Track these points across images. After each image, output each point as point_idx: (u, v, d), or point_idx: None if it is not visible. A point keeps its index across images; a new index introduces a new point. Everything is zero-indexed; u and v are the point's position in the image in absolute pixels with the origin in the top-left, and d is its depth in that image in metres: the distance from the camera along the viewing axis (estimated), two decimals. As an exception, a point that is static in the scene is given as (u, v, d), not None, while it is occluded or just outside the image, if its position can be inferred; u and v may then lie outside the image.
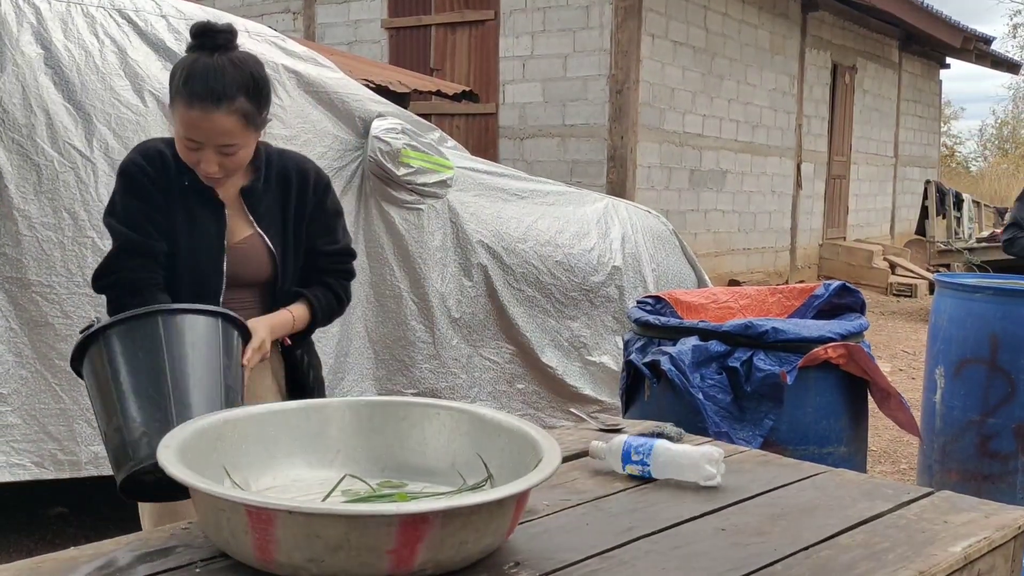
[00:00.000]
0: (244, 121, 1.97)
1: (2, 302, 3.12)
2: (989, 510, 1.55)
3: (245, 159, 2.05)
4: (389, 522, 1.15)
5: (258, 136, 2.06)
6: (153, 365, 1.75)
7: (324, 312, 2.22)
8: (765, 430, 2.72)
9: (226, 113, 1.94)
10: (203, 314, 1.87)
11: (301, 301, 2.17)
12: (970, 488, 3.46)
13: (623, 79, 8.94)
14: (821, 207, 12.91)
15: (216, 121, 1.94)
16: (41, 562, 1.27)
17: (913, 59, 15.66)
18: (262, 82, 2.01)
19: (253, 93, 1.98)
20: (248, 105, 1.97)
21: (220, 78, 1.93)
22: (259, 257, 2.13)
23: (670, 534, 1.41)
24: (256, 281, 2.16)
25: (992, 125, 36.51)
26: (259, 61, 2.05)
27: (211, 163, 2.00)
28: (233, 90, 1.94)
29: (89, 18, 3.40)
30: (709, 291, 3.43)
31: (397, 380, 4.00)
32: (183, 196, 2.08)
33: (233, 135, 1.97)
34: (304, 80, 3.78)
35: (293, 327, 2.16)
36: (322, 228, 2.21)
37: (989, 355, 3.52)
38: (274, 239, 2.14)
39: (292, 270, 2.18)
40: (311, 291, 2.19)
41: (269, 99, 2.05)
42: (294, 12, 10.97)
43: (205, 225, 2.09)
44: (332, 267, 2.24)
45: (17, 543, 3.48)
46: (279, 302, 2.16)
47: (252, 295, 2.16)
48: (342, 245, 2.26)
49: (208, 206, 2.10)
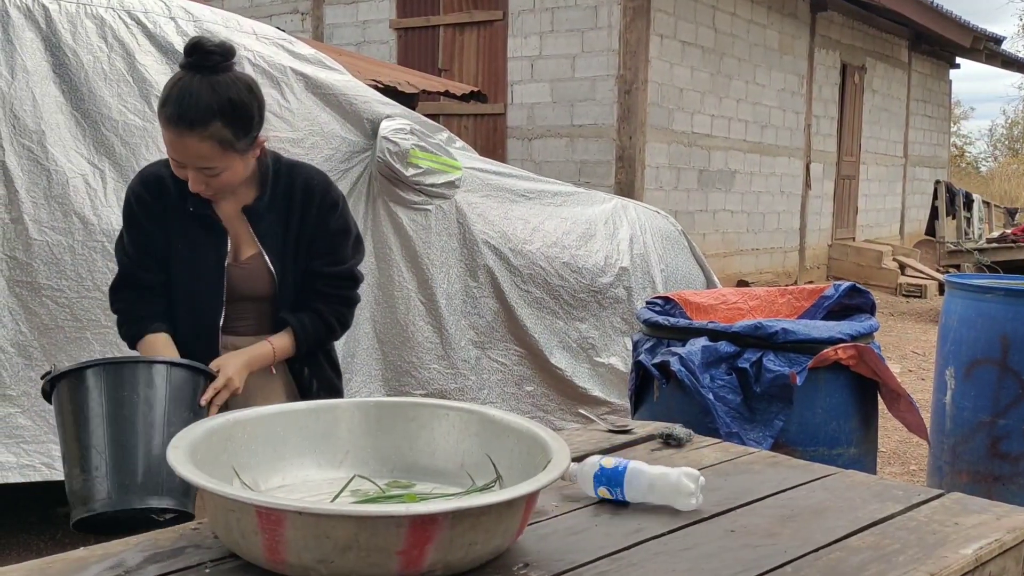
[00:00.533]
0: (220, 146, 1.95)
1: (13, 306, 3.14)
2: (1000, 512, 1.54)
3: (232, 180, 2.03)
4: (399, 523, 1.15)
5: (245, 158, 2.03)
6: (94, 414, 1.82)
7: (310, 341, 2.17)
8: (775, 431, 2.71)
9: (199, 139, 1.93)
10: (147, 363, 1.93)
11: (286, 331, 2.15)
12: (980, 489, 3.44)
13: (631, 79, 8.93)
14: (830, 207, 12.88)
15: (189, 146, 1.94)
16: (51, 562, 1.27)
17: (923, 59, 15.62)
18: (242, 107, 1.96)
19: (230, 118, 1.94)
20: (224, 131, 1.94)
21: (194, 104, 1.91)
22: (261, 276, 2.14)
23: (679, 535, 1.41)
24: (258, 297, 2.16)
25: (1002, 125, 36.44)
26: (246, 84, 2.00)
27: (197, 182, 2.01)
28: (207, 116, 1.91)
29: (98, 20, 3.41)
30: (718, 292, 3.42)
31: (406, 381, 4.01)
32: (183, 221, 2.09)
33: (210, 159, 1.96)
34: (312, 82, 3.79)
35: (274, 358, 2.14)
36: (324, 248, 2.16)
37: (1000, 356, 3.51)
38: (274, 258, 2.13)
39: (290, 290, 2.16)
40: (298, 318, 2.15)
41: (252, 123, 1.99)
42: (302, 13, 10.99)
43: (205, 252, 2.10)
44: (328, 291, 2.18)
45: (27, 543, 3.49)
46: (279, 318, 2.17)
47: (254, 308, 2.17)
48: (344, 268, 2.20)
49: (210, 232, 2.10)
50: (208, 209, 2.10)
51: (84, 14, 3.38)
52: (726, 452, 1.87)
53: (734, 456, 1.84)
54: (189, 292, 2.12)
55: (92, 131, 3.30)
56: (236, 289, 2.13)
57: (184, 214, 2.09)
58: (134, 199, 2.11)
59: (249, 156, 2.04)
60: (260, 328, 2.17)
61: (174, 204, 2.09)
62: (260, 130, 2.05)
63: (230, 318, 2.15)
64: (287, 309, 2.16)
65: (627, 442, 1.90)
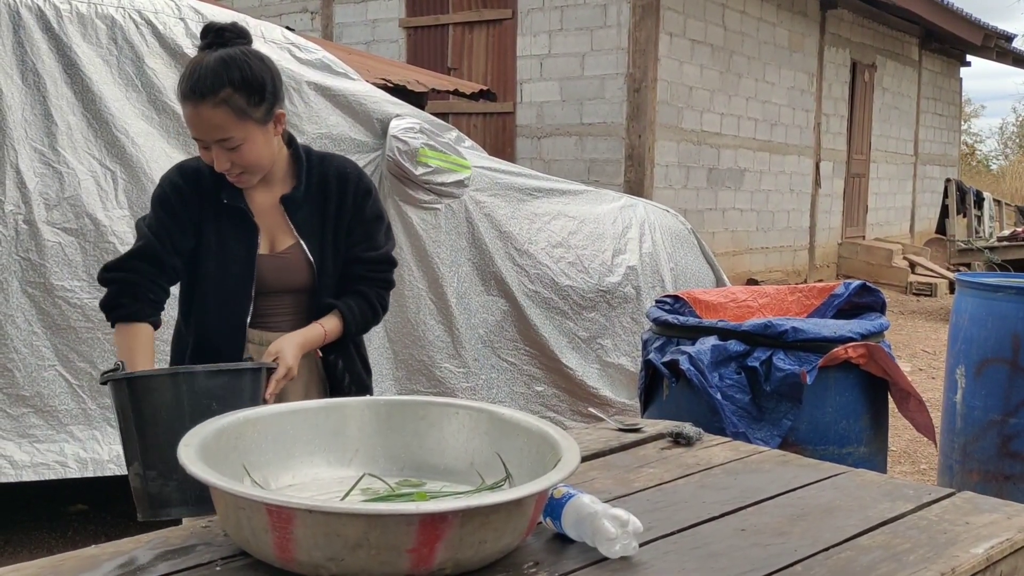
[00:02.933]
0: (234, 113, 1.96)
1: (25, 306, 3.15)
2: (1011, 511, 1.54)
3: (256, 154, 2.02)
4: (409, 521, 1.15)
5: (264, 131, 2.02)
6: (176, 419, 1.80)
7: (358, 323, 2.18)
8: (784, 430, 2.71)
9: (212, 106, 1.94)
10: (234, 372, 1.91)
11: (334, 313, 2.15)
12: (991, 488, 3.43)
13: (641, 78, 8.92)
14: (840, 206, 12.85)
15: (204, 115, 1.95)
16: (63, 560, 1.28)
17: (933, 56, 15.56)
18: (252, 76, 1.97)
19: (240, 84, 1.95)
20: (236, 96, 1.95)
21: (205, 73, 1.94)
22: (299, 267, 2.13)
23: (689, 534, 1.41)
24: (295, 289, 2.16)
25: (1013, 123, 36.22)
26: (260, 58, 2.02)
27: (221, 161, 2.01)
28: (217, 83, 1.94)
29: (108, 21, 3.42)
30: (728, 290, 3.42)
31: (416, 380, 4.01)
32: (216, 214, 2.10)
33: (225, 128, 1.96)
34: (320, 86, 3.79)
35: (324, 340, 2.14)
36: (361, 235, 2.18)
37: (1011, 355, 3.49)
38: (312, 248, 2.13)
39: (330, 279, 2.16)
40: (344, 301, 2.16)
41: (264, 90, 1.99)
42: (312, 12, 11.01)
43: (235, 245, 2.10)
44: (369, 275, 2.20)
45: (38, 540, 3.51)
46: (317, 309, 2.16)
47: (290, 301, 2.16)
48: (382, 252, 2.22)
49: (241, 226, 2.10)
50: (241, 202, 2.10)
51: (95, 14, 3.39)
52: (736, 451, 1.87)
53: (744, 455, 1.83)
54: (218, 286, 2.11)
55: (103, 132, 3.32)
56: (272, 282, 2.12)
57: (218, 205, 2.09)
58: (168, 185, 2.11)
59: (269, 129, 2.04)
60: (293, 324, 2.14)
61: (208, 195, 2.09)
62: (278, 103, 2.05)
63: (263, 313, 2.14)
64: (328, 298, 2.16)
65: (637, 441, 1.90)
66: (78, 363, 3.20)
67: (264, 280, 2.12)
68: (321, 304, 2.16)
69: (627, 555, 1.29)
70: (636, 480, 1.66)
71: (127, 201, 3.28)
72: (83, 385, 3.21)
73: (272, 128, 2.05)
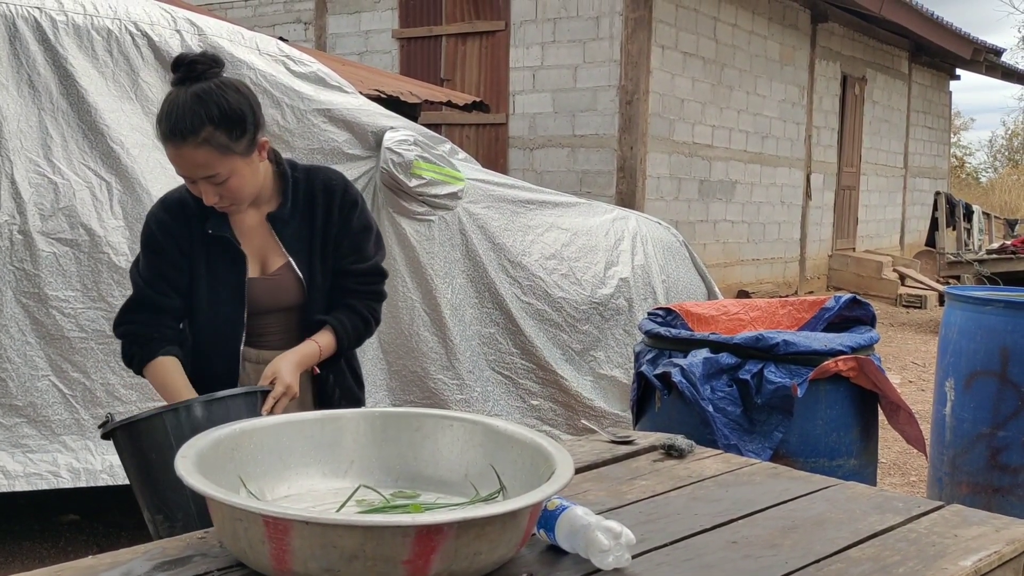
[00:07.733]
0: (217, 151, 1.95)
1: (19, 316, 3.16)
2: (999, 524, 1.55)
3: (242, 186, 2.02)
4: (405, 532, 1.16)
5: (249, 162, 2.02)
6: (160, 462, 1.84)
7: (350, 337, 2.20)
8: (775, 442, 2.72)
9: (194, 147, 1.94)
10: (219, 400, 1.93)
11: (327, 329, 2.16)
12: (980, 501, 3.45)
13: (633, 90, 8.96)
14: (830, 218, 12.90)
15: (186, 155, 1.95)
16: (60, 570, 1.28)
17: (923, 70, 15.66)
18: (230, 110, 1.95)
19: (221, 121, 1.94)
20: (217, 134, 1.94)
21: (183, 114, 1.93)
22: (290, 286, 2.15)
23: (681, 546, 1.42)
24: (286, 307, 2.17)
25: (1002, 136, 36.41)
26: (233, 86, 2.00)
27: (209, 195, 2.01)
28: (196, 123, 1.92)
29: (104, 33, 3.43)
30: (720, 303, 3.44)
31: (410, 391, 4.02)
32: (204, 244, 2.11)
33: (210, 166, 1.96)
34: (314, 100, 3.79)
35: (320, 356, 2.15)
36: (349, 247, 2.18)
37: (1000, 368, 3.52)
38: (302, 265, 2.14)
39: (320, 293, 2.17)
40: (336, 317, 2.17)
41: (245, 122, 1.98)
42: (305, 22, 11.03)
43: (223, 274, 2.11)
44: (359, 288, 2.21)
45: (30, 550, 3.50)
46: (308, 324, 2.17)
47: (282, 320, 2.18)
48: (371, 264, 2.22)
49: (228, 255, 2.11)
50: (226, 230, 2.10)
51: (91, 26, 3.40)
52: (727, 463, 1.88)
53: (735, 467, 1.85)
54: (210, 312, 2.13)
55: (99, 144, 3.33)
56: (262, 302, 2.14)
57: (204, 237, 2.10)
58: (154, 223, 2.12)
59: (254, 159, 2.03)
60: (287, 341, 2.16)
61: (194, 225, 2.10)
62: (260, 131, 2.04)
63: (255, 333, 2.16)
64: (318, 314, 2.17)
65: (629, 453, 1.91)
66: (72, 373, 3.20)
67: (256, 302, 2.14)
68: (312, 320, 2.17)
69: (620, 567, 1.31)
70: (629, 492, 1.67)
71: (122, 212, 3.28)
72: (76, 395, 3.21)
73: (256, 156, 2.05)
